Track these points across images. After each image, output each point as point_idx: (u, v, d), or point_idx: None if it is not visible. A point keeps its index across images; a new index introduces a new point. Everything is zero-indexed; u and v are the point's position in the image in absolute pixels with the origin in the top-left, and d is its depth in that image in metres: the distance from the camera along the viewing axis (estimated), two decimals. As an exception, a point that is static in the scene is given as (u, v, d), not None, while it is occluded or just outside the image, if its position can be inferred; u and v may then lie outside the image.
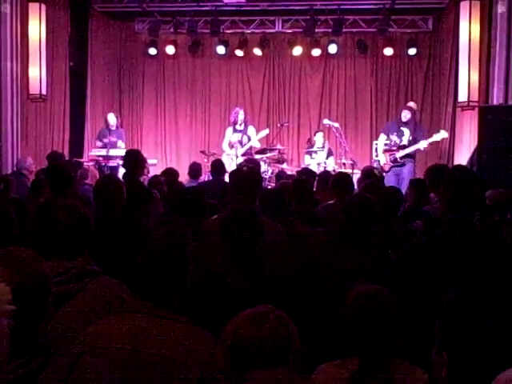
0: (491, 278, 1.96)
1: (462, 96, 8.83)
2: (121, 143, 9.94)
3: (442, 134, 8.61)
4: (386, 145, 8.90)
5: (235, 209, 2.92)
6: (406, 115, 8.79)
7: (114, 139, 9.77)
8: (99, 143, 10.02)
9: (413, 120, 8.89)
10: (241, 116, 9.90)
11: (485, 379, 1.30)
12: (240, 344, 1.59)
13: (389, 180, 8.30)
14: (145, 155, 6.61)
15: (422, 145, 8.48)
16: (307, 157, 10.17)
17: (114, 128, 10.06)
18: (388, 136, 8.85)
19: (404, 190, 7.05)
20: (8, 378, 1.36)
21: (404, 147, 8.65)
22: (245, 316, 1.65)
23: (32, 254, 1.64)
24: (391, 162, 8.70)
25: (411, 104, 9.85)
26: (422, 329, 2.32)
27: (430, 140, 8.52)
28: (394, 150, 8.69)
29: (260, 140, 9.97)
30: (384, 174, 8.39)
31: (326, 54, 11.64)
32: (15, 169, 8.18)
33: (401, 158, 8.64)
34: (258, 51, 11.84)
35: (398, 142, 8.74)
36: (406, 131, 8.71)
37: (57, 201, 3.52)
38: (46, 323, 1.62)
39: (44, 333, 1.58)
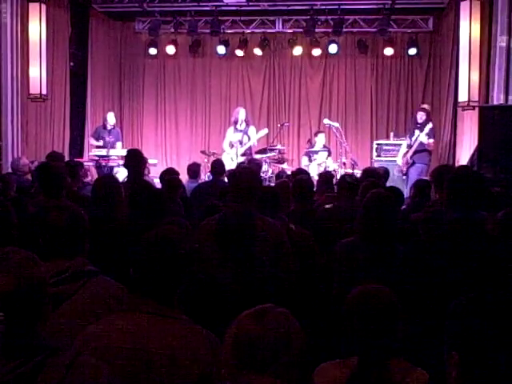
0: (499, 277, 1.95)
1: (462, 96, 8.80)
2: (118, 143, 9.95)
3: (429, 125, 9.01)
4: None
5: (229, 210, 2.92)
6: (421, 116, 9.24)
7: (112, 139, 9.77)
8: (94, 141, 10.01)
9: (428, 121, 9.19)
10: (241, 115, 9.83)
11: (496, 380, 1.29)
12: (243, 339, 1.58)
13: (408, 182, 8.66)
14: (145, 155, 6.56)
15: (421, 138, 8.92)
16: (305, 158, 10.06)
17: (111, 128, 10.05)
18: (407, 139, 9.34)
19: (408, 189, 7.19)
20: (5, 378, 1.36)
21: (410, 147, 9.11)
22: (248, 313, 1.64)
23: (27, 255, 1.63)
24: (406, 163, 9.13)
25: (425, 106, 10.20)
26: (425, 327, 2.31)
27: (425, 131, 8.93)
28: (407, 152, 9.17)
29: (260, 140, 9.94)
30: (404, 176, 9.03)
31: (326, 54, 11.64)
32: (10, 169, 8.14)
33: (410, 157, 9.07)
34: (258, 51, 11.84)
35: (409, 142, 9.22)
36: (417, 132, 9.10)
37: (49, 202, 3.52)
38: (42, 324, 1.62)
39: (41, 334, 1.58)
